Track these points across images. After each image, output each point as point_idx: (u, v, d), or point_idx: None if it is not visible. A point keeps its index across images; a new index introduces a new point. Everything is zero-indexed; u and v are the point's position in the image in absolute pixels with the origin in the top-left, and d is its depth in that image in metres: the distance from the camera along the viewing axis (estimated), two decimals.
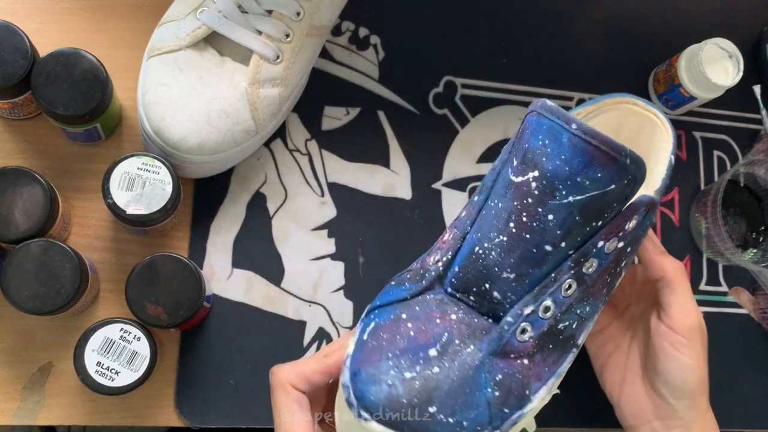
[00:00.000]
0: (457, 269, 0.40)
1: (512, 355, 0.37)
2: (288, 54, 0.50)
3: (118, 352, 0.45)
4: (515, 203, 0.37)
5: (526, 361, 0.38)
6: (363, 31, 0.60)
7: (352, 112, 0.59)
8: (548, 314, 0.38)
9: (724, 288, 0.63)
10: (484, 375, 0.36)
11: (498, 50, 0.63)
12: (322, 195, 0.57)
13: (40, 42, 0.49)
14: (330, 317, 0.55)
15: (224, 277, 0.54)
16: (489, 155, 0.60)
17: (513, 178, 0.37)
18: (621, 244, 0.39)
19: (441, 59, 0.61)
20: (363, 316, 0.41)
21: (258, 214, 0.55)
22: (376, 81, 0.60)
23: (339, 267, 0.56)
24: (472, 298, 0.39)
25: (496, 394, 0.36)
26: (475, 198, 0.41)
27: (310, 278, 0.55)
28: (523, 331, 0.38)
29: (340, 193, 0.57)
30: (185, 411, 0.52)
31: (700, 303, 0.62)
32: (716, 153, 0.65)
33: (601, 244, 0.38)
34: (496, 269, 0.38)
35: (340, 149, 0.58)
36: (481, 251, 0.38)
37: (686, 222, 0.63)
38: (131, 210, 0.46)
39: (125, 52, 0.55)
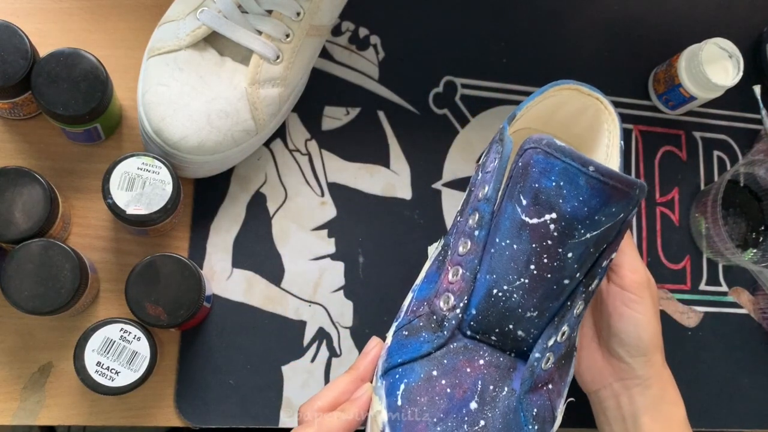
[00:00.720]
0: (474, 312, 0.39)
1: (540, 385, 0.39)
2: (288, 54, 0.50)
3: (118, 352, 0.45)
4: (533, 245, 0.37)
5: (551, 386, 0.39)
6: (363, 31, 0.60)
7: (352, 112, 0.59)
8: (564, 337, 0.39)
9: (724, 288, 0.63)
10: (523, 414, 0.37)
11: (498, 50, 0.63)
12: (322, 195, 0.57)
13: (40, 42, 0.49)
14: (330, 317, 0.55)
15: (224, 277, 0.54)
16: None
17: (527, 219, 0.37)
18: (614, 255, 0.41)
19: (441, 59, 0.61)
20: (381, 372, 0.40)
21: (258, 214, 0.55)
22: (376, 81, 0.60)
23: (339, 267, 0.56)
24: (493, 338, 0.39)
25: (536, 428, 0.38)
26: (476, 233, 0.40)
27: (310, 278, 0.55)
28: (547, 360, 0.39)
29: (340, 193, 0.57)
30: (185, 411, 0.52)
31: (700, 303, 0.62)
32: (716, 153, 0.65)
33: (605, 264, 0.40)
34: (520, 310, 0.38)
35: (340, 149, 0.58)
36: (500, 294, 0.38)
37: (686, 222, 0.63)
38: (131, 210, 0.46)
39: (125, 52, 0.55)
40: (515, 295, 0.38)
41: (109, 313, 0.52)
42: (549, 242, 0.37)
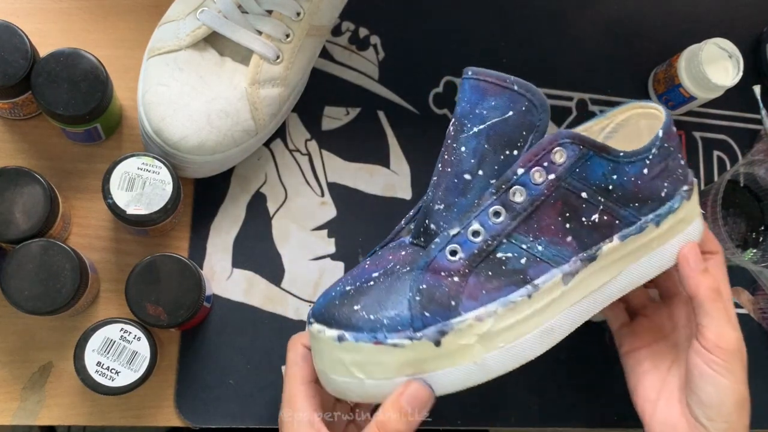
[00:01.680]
0: (414, 221, 0.46)
1: (442, 273, 0.40)
2: (288, 54, 0.50)
3: (118, 352, 0.45)
4: (442, 148, 0.43)
5: (456, 279, 0.40)
6: (363, 31, 0.60)
7: (352, 112, 0.59)
8: (478, 238, 0.40)
9: None
10: (411, 284, 0.40)
11: (498, 50, 0.63)
12: (322, 195, 0.57)
13: (40, 42, 0.49)
14: None
15: (224, 277, 0.54)
16: None
17: (448, 129, 0.43)
18: (552, 176, 0.41)
19: (441, 59, 0.61)
20: None
21: (258, 214, 0.55)
22: (376, 81, 0.60)
23: (339, 267, 0.56)
24: (422, 239, 0.43)
25: (417, 298, 0.39)
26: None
27: (310, 278, 0.55)
28: (453, 252, 0.40)
29: (340, 193, 0.57)
30: (185, 411, 0.52)
31: None
32: (716, 153, 0.65)
33: (521, 171, 0.41)
34: (431, 204, 0.42)
35: (340, 149, 0.58)
36: (425, 197, 0.43)
37: None
38: (131, 210, 0.46)
39: (125, 52, 0.55)
40: (429, 193, 0.43)
41: (109, 313, 0.52)
42: (448, 140, 0.42)
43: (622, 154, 0.42)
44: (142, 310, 0.46)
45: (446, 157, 0.42)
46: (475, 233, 0.41)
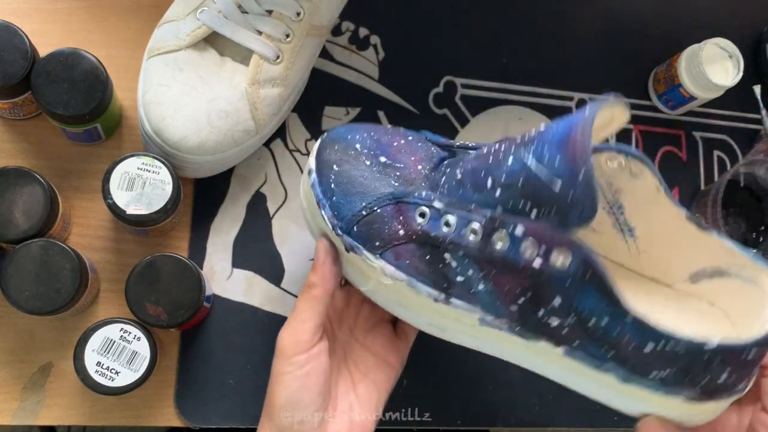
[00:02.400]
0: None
1: (400, 218, 0.41)
2: (288, 54, 0.50)
3: (118, 352, 0.45)
4: (498, 142, 0.42)
5: (401, 233, 0.40)
6: (363, 31, 0.60)
7: (352, 112, 0.59)
8: (444, 230, 0.39)
9: None
10: (375, 198, 0.42)
11: (498, 50, 0.63)
12: None
13: (40, 42, 0.49)
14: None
15: (224, 277, 0.54)
16: None
17: None
18: (540, 265, 0.36)
19: (441, 59, 0.61)
20: None
21: (258, 214, 0.55)
22: (376, 81, 0.60)
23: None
24: (433, 161, 0.45)
25: (364, 213, 0.41)
26: None
27: None
28: (422, 215, 0.40)
29: None
30: (185, 411, 0.52)
31: None
32: (716, 153, 0.65)
33: (520, 231, 0.37)
34: (451, 167, 0.42)
35: None
36: (457, 150, 0.46)
37: None
38: (131, 210, 0.46)
39: (125, 52, 0.55)
40: (464, 155, 0.45)
41: (109, 313, 0.52)
42: (506, 145, 0.41)
43: (634, 319, 0.36)
44: (142, 310, 0.46)
45: (491, 154, 0.39)
46: (447, 224, 0.39)
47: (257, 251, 0.55)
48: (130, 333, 0.46)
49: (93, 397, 0.50)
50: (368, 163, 0.43)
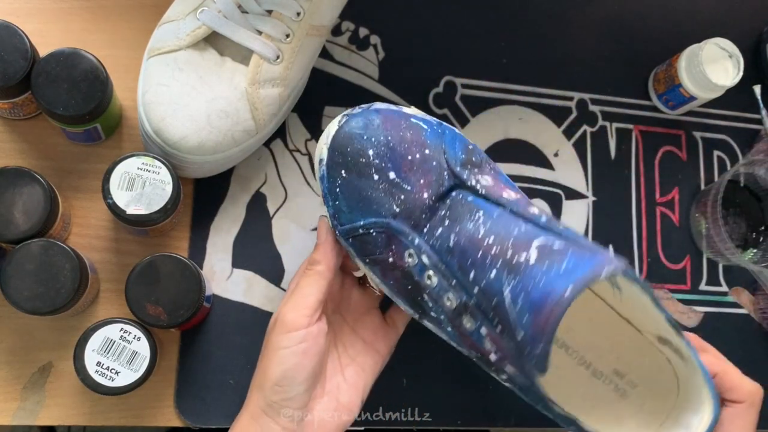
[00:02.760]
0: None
1: (392, 258, 0.43)
2: (288, 54, 0.50)
3: (118, 352, 0.45)
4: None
5: (390, 261, 0.43)
6: (363, 31, 0.60)
7: None
8: (410, 261, 0.42)
9: (724, 288, 0.63)
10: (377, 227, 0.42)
11: (498, 50, 0.63)
12: None
13: (40, 42, 0.49)
14: None
15: (224, 277, 0.54)
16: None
17: None
18: (493, 358, 0.41)
19: (441, 59, 0.61)
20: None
21: (258, 214, 0.55)
22: (376, 81, 0.60)
23: None
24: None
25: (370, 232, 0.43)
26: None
27: None
28: (411, 256, 0.42)
29: None
30: (185, 411, 0.52)
31: (701, 303, 0.62)
32: (716, 153, 0.65)
33: (479, 324, 0.40)
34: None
35: None
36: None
37: (686, 222, 0.63)
38: (131, 210, 0.46)
39: (125, 52, 0.55)
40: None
41: (109, 313, 0.52)
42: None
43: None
44: (142, 310, 0.46)
45: (481, 247, 0.40)
46: (429, 278, 0.42)
47: (257, 251, 0.55)
48: (130, 333, 0.46)
49: (93, 397, 0.50)
50: (376, 177, 0.42)
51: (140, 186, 0.47)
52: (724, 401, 0.44)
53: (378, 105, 0.44)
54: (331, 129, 0.43)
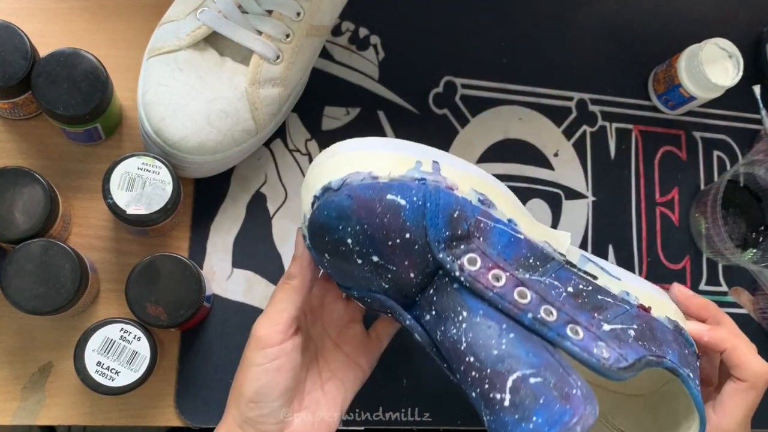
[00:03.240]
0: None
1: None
2: (288, 54, 0.50)
3: (118, 352, 0.45)
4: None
5: (390, 315, 0.42)
6: (363, 31, 0.60)
7: (352, 112, 0.59)
8: (409, 324, 0.41)
9: (724, 288, 0.63)
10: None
11: (498, 50, 0.63)
12: None
13: (40, 42, 0.49)
14: None
15: (224, 277, 0.54)
16: (489, 155, 0.60)
17: None
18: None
19: (441, 59, 0.61)
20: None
21: (258, 214, 0.55)
22: (376, 81, 0.60)
23: None
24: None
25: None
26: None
27: None
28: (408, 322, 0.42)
29: None
30: (185, 411, 0.52)
31: None
32: (716, 153, 0.65)
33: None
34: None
35: None
36: None
37: (686, 222, 0.63)
38: (131, 210, 0.46)
39: (125, 52, 0.55)
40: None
41: (109, 313, 0.52)
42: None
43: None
44: (142, 310, 0.46)
45: (468, 369, 0.39)
46: (422, 342, 0.42)
47: (257, 251, 0.55)
48: (130, 333, 0.46)
49: (93, 397, 0.51)
50: (360, 262, 0.39)
51: (140, 186, 0.47)
52: (729, 375, 0.44)
53: (350, 182, 0.38)
54: (305, 211, 0.40)
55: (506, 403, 0.37)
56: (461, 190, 0.39)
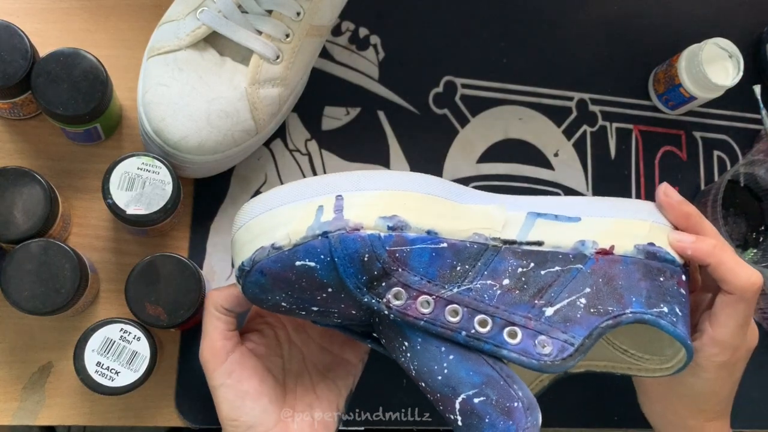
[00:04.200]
0: None
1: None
2: (288, 54, 0.50)
3: (118, 352, 0.45)
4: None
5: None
6: (363, 31, 0.60)
7: (352, 112, 0.59)
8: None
9: None
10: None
11: (498, 50, 0.63)
12: None
13: (40, 42, 0.49)
14: None
15: (224, 277, 0.54)
16: (489, 155, 0.60)
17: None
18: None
19: (441, 59, 0.61)
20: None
21: None
22: (376, 81, 0.60)
23: None
24: None
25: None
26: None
27: None
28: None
29: None
30: (185, 411, 0.52)
31: None
32: (716, 153, 0.65)
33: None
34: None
35: (340, 149, 0.58)
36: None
37: None
38: (131, 210, 0.46)
39: (125, 52, 0.55)
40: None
41: (109, 313, 0.52)
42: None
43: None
44: (142, 310, 0.46)
45: (434, 392, 0.39)
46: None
47: None
48: (130, 333, 0.46)
49: (93, 397, 0.50)
50: (303, 314, 0.41)
51: (140, 186, 0.47)
52: (719, 288, 0.44)
53: (258, 259, 0.38)
54: (236, 279, 0.41)
55: (459, 423, 0.38)
56: (366, 226, 0.38)
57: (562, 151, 0.62)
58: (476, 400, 0.38)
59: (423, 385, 0.39)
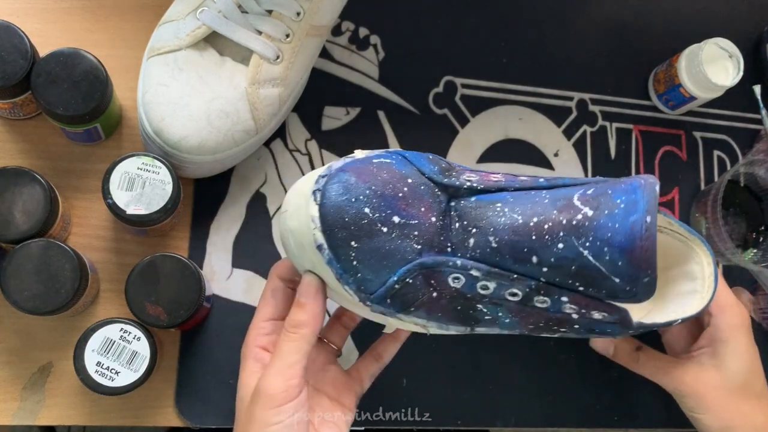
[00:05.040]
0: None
1: (432, 282, 0.40)
2: (288, 54, 0.50)
3: (118, 352, 0.45)
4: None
5: (434, 295, 0.41)
6: (363, 31, 0.60)
7: (352, 112, 0.59)
8: (477, 285, 0.40)
9: None
10: (404, 269, 0.40)
11: (498, 50, 0.63)
12: None
13: (40, 42, 0.49)
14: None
15: (224, 277, 0.54)
16: (489, 155, 0.60)
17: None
18: (575, 316, 0.41)
19: (441, 59, 0.61)
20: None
21: (258, 214, 0.55)
22: (376, 81, 0.60)
23: None
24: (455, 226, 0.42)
25: (397, 287, 0.40)
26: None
27: None
28: (456, 279, 0.41)
29: None
30: (185, 411, 0.52)
31: None
32: (716, 153, 0.65)
33: (557, 296, 0.40)
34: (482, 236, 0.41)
35: (340, 149, 0.58)
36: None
37: (686, 222, 0.63)
38: (131, 210, 0.46)
39: (125, 52, 0.55)
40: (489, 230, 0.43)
41: (109, 313, 0.52)
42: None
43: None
44: (142, 310, 0.46)
45: (533, 231, 0.39)
46: (484, 288, 0.40)
47: (257, 251, 0.55)
48: (130, 333, 0.46)
49: (93, 397, 0.50)
50: (385, 230, 0.39)
51: (140, 186, 0.47)
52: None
53: (337, 164, 0.40)
54: (311, 211, 0.39)
55: (590, 214, 0.38)
56: None
57: (562, 151, 0.62)
58: (589, 192, 0.39)
59: (536, 218, 0.39)
